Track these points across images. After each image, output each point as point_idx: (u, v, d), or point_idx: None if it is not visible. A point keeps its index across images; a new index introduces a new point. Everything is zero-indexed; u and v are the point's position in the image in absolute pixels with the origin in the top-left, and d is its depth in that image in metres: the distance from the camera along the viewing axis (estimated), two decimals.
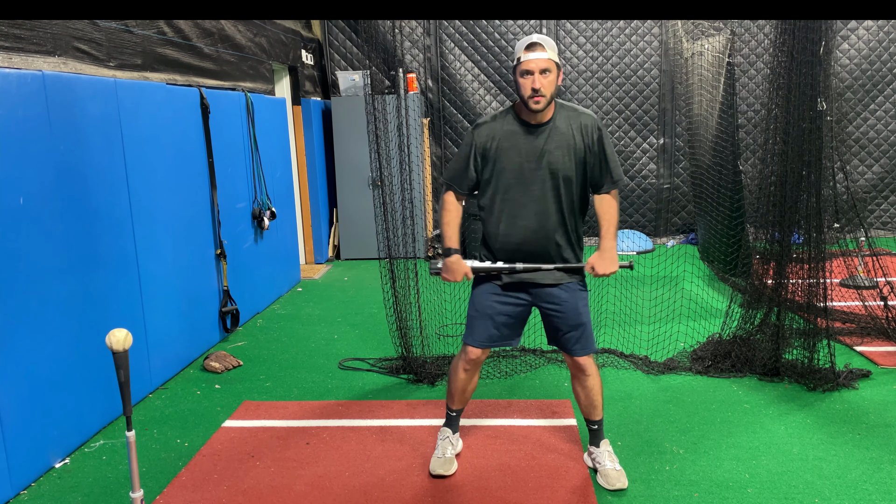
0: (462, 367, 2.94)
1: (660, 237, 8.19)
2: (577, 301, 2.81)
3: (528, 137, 2.71)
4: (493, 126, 2.76)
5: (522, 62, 2.60)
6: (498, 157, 2.73)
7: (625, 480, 2.86)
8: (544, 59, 2.60)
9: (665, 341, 4.51)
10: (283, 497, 2.86)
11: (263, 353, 4.70)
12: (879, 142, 7.87)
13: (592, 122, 2.75)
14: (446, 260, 2.82)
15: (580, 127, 2.72)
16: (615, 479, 2.85)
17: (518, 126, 2.72)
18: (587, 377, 2.88)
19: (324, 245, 7.65)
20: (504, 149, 2.72)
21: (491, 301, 2.83)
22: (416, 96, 7.45)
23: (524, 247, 2.77)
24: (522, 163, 2.71)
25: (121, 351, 2.17)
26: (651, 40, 7.79)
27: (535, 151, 2.70)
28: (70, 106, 3.34)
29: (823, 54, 3.55)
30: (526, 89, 2.61)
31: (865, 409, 3.51)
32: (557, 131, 2.71)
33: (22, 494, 2.98)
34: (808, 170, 3.67)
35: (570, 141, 2.71)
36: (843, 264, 5.64)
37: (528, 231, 2.74)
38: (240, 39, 5.72)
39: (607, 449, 2.98)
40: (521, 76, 2.61)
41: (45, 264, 3.15)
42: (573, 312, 2.80)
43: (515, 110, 2.76)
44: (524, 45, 2.61)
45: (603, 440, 3.00)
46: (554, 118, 2.72)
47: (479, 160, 2.78)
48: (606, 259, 2.77)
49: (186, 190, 4.49)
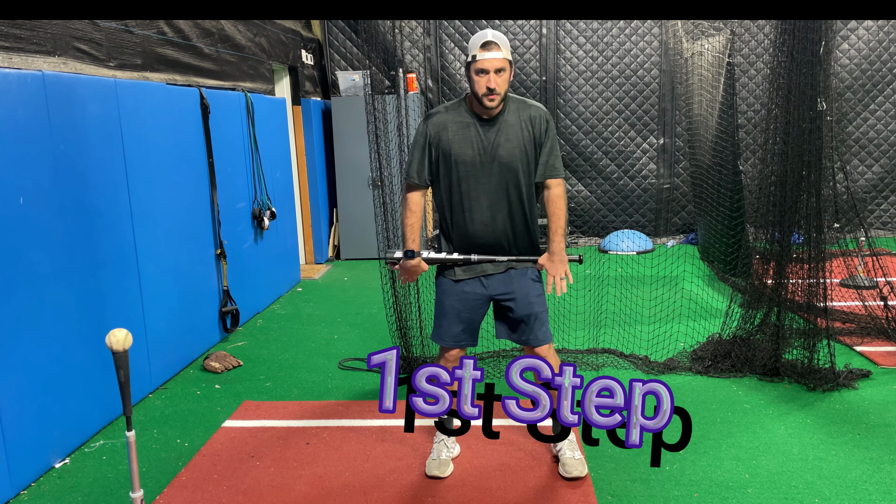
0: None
1: (660, 237, 8.19)
2: (528, 289, 2.83)
3: (481, 130, 2.74)
4: (445, 117, 2.78)
5: (478, 60, 2.61)
6: (451, 149, 2.76)
7: (583, 469, 2.87)
8: (499, 59, 2.62)
9: (665, 341, 4.51)
10: (283, 497, 2.87)
11: (263, 353, 4.70)
12: (879, 142, 7.87)
13: (542, 114, 2.78)
14: (407, 262, 2.84)
15: (529, 119, 2.76)
16: (572, 468, 2.88)
17: (470, 118, 2.75)
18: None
19: (324, 245, 7.65)
20: (456, 141, 2.75)
21: (451, 299, 2.86)
22: (416, 96, 7.44)
23: (478, 238, 2.80)
24: (475, 155, 2.74)
25: (121, 351, 2.17)
26: (651, 40, 7.79)
27: (487, 144, 2.73)
28: (70, 106, 3.34)
29: (823, 54, 3.55)
30: (480, 87, 2.63)
31: (865, 409, 3.51)
32: (507, 124, 2.74)
33: (22, 494, 2.98)
34: (808, 170, 3.67)
35: (520, 133, 2.74)
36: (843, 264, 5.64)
37: (481, 223, 2.78)
38: (240, 39, 5.72)
39: (570, 438, 2.98)
40: (476, 74, 2.63)
41: (45, 264, 3.15)
42: (523, 301, 2.82)
43: (467, 102, 2.78)
44: (479, 42, 2.62)
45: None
46: (504, 111, 2.75)
47: (433, 150, 2.80)
48: (556, 261, 2.80)
49: (186, 190, 4.49)
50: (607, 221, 8.17)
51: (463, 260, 2.82)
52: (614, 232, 7.88)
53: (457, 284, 2.86)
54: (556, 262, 2.80)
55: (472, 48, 2.65)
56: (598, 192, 8.12)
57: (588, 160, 8.03)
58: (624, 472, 2.98)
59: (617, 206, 8.15)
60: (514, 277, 2.84)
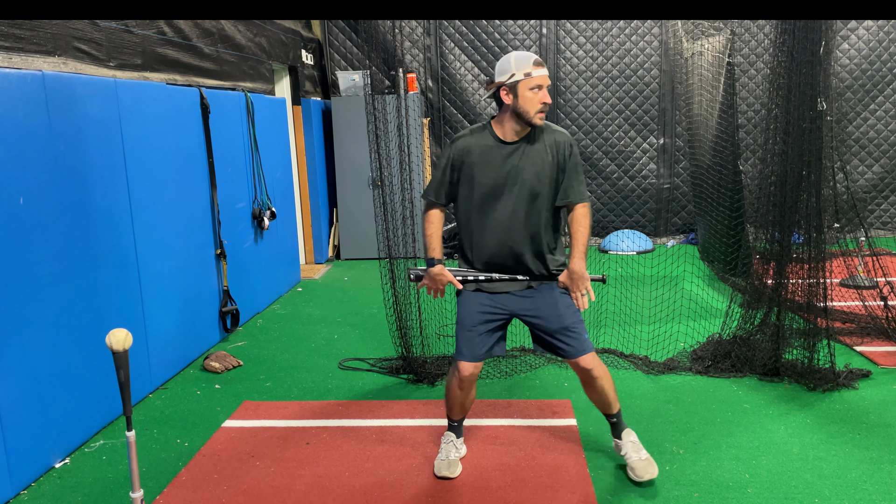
0: (456, 385, 2.92)
1: (660, 237, 8.19)
2: (555, 301, 2.81)
3: (503, 154, 2.75)
4: (469, 141, 2.80)
5: (534, 77, 2.63)
6: (473, 173, 2.77)
7: (654, 470, 2.84)
8: (548, 76, 2.68)
9: (665, 341, 4.51)
10: (283, 497, 2.86)
11: (263, 353, 4.70)
12: (879, 142, 7.87)
13: (566, 139, 2.79)
14: (430, 270, 2.84)
15: (554, 143, 2.77)
16: (642, 471, 2.84)
17: (494, 142, 2.77)
18: (595, 378, 2.85)
19: (324, 245, 7.65)
20: (478, 164, 2.76)
21: (473, 313, 2.84)
22: (416, 96, 7.44)
23: (499, 259, 2.80)
24: (496, 179, 2.75)
25: (121, 351, 2.17)
26: (651, 40, 7.79)
27: (509, 168, 2.74)
28: (70, 106, 3.34)
29: (823, 54, 3.55)
30: (535, 104, 2.65)
31: (865, 409, 3.51)
32: (532, 148, 2.75)
33: (22, 494, 2.98)
34: (808, 170, 3.67)
35: (544, 158, 2.75)
36: (843, 264, 5.64)
37: (503, 245, 2.78)
38: (240, 39, 5.72)
39: (630, 440, 2.96)
40: (531, 90, 2.63)
41: (45, 264, 3.15)
42: (553, 314, 2.80)
43: (492, 127, 2.79)
44: (530, 60, 2.64)
45: (625, 430, 2.99)
46: (529, 135, 2.76)
47: (456, 173, 2.82)
48: (575, 279, 2.80)
49: (186, 190, 4.49)
50: (607, 221, 8.17)
51: (485, 278, 2.82)
52: (614, 232, 7.88)
53: (476, 295, 2.85)
54: (576, 279, 2.79)
55: (522, 66, 2.64)
56: (598, 192, 8.12)
57: (588, 160, 8.02)
58: (624, 472, 2.97)
59: (617, 206, 8.15)
60: (539, 293, 2.82)
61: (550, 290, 2.83)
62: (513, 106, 2.68)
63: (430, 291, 2.91)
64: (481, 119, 7.94)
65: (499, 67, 2.71)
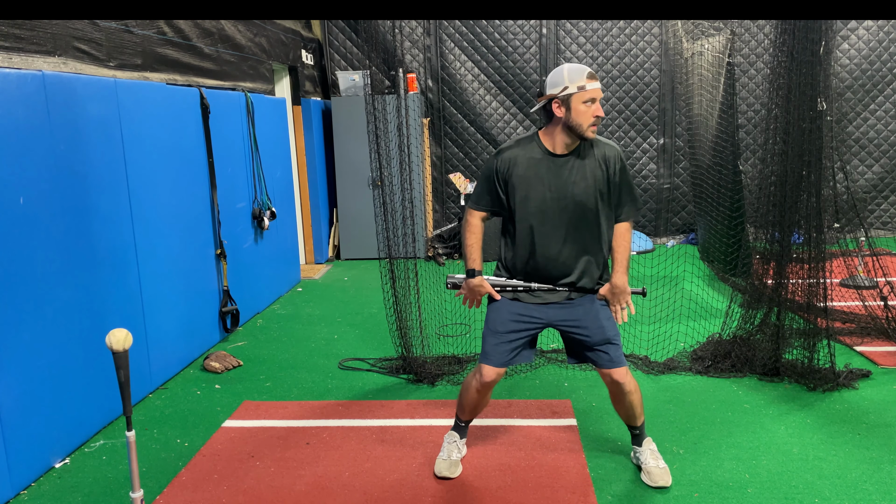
0: (475, 388, 2.90)
1: (660, 237, 8.19)
2: (597, 313, 2.79)
3: (552, 167, 2.70)
4: (515, 152, 2.74)
5: (588, 90, 2.59)
6: (520, 186, 2.72)
7: (668, 478, 2.85)
8: (601, 89, 2.64)
9: (665, 341, 4.51)
10: (283, 497, 2.86)
11: (263, 353, 4.70)
12: (879, 142, 7.87)
13: (615, 153, 2.75)
14: (469, 281, 2.81)
15: (604, 158, 2.72)
16: (658, 477, 2.85)
17: (542, 155, 2.71)
18: (626, 393, 2.84)
19: (324, 245, 7.65)
20: (527, 178, 2.71)
21: (506, 320, 2.81)
22: (416, 96, 7.45)
23: (543, 273, 2.76)
24: (545, 192, 2.70)
25: (121, 351, 2.17)
26: (651, 40, 7.79)
27: (559, 182, 2.69)
28: (70, 106, 3.34)
29: (823, 54, 3.55)
30: (589, 117, 2.60)
31: (865, 409, 3.51)
32: (582, 163, 2.70)
33: (22, 494, 2.98)
34: (808, 170, 3.67)
35: (595, 172, 2.70)
36: (843, 264, 5.64)
37: (550, 259, 2.74)
38: (240, 39, 5.72)
39: (649, 447, 2.97)
40: (585, 103, 2.59)
41: (44, 264, 3.15)
42: (595, 326, 2.78)
43: (539, 138, 2.74)
44: (584, 73, 2.60)
45: (645, 439, 3.00)
46: (578, 149, 2.71)
47: (502, 185, 2.76)
48: (617, 293, 2.78)
49: (186, 190, 4.49)
50: None
51: (524, 287, 2.79)
52: None
53: (512, 303, 2.82)
54: (618, 293, 2.77)
55: (576, 78, 2.60)
56: None
57: None
58: (624, 472, 2.98)
59: None
60: (580, 304, 2.80)
61: (591, 303, 2.80)
62: (565, 119, 2.62)
63: (465, 301, 2.89)
64: (481, 119, 7.94)
65: (551, 80, 2.65)
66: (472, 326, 4.92)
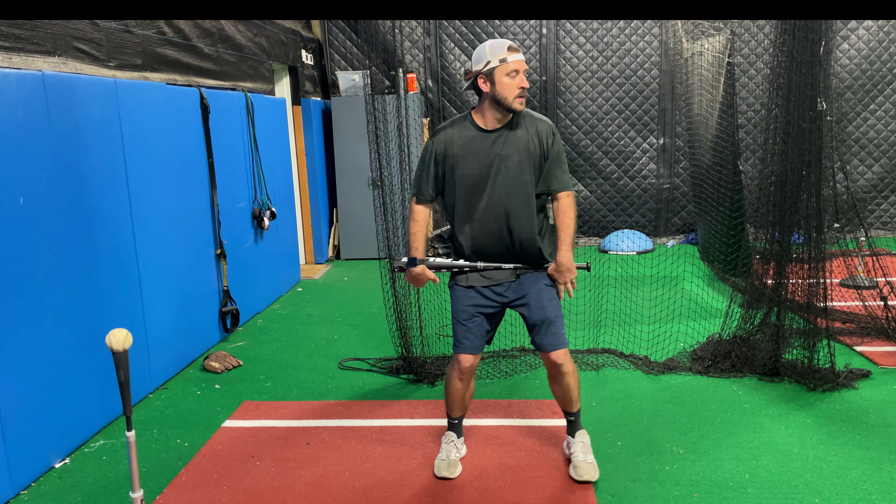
0: (456, 377, 2.95)
1: (660, 237, 8.19)
2: (540, 293, 2.83)
3: (486, 143, 2.75)
4: (450, 132, 2.80)
5: (510, 62, 2.64)
6: (456, 164, 2.78)
7: (594, 473, 2.87)
8: (524, 61, 2.68)
9: (665, 341, 4.51)
10: (283, 497, 2.86)
11: (263, 353, 4.70)
12: (879, 142, 7.87)
13: (548, 127, 2.79)
14: (411, 269, 2.87)
15: (536, 132, 2.76)
16: (584, 472, 2.87)
17: (476, 132, 2.77)
18: (563, 375, 2.88)
19: (324, 245, 7.65)
20: (462, 155, 2.77)
21: (466, 308, 2.87)
22: (416, 96, 7.45)
23: (486, 249, 2.82)
24: (481, 168, 2.75)
25: (121, 351, 2.17)
26: (651, 40, 7.79)
27: (493, 156, 2.74)
28: (70, 106, 3.34)
29: (823, 54, 3.55)
30: (513, 89, 2.66)
31: (865, 409, 3.51)
32: (515, 136, 2.75)
33: (22, 494, 2.98)
34: (808, 170, 3.67)
35: (528, 145, 2.75)
36: (843, 264, 5.64)
37: (489, 234, 2.79)
38: (240, 39, 5.72)
39: (581, 440, 2.99)
40: (508, 76, 2.65)
41: (45, 264, 3.15)
42: (537, 305, 2.82)
43: (472, 117, 2.79)
44: (503, 46, 2.66)
45: (579, 431, 3.02)
46: (510, 123, 2.76)
47: (440, 166, 2.83)
48: (563, 270, 2.81)
49: (186, 190, 4.49)
50: (607, 221, 8.17)
51: (469, 267, 2.83)
52: (614, 232, 7.88)
53: (468, 290, 2.87)
54: (563, 271, 2.80)
55: (497, 52, 2.65)
56: (598, 192, 8.12)
57: (588, 160, 8.03)
58: (624, 472, 2.98)
59: (617, 206, 8.15)
60: (526, 282, 2.85)
61: (536, 282, 2.84)
62: (491, 93, 2.68)
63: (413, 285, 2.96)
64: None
65: (474, 57, 2.72)
66: None
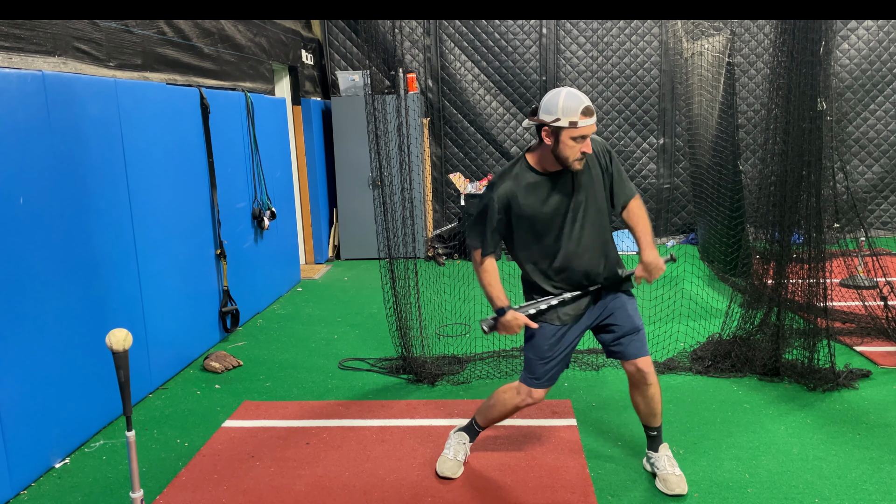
0: (518, 403, 2.86)
1: (660, 237, 8.18)
2: (625, 304, 2.81)
3: (552, 184, 2.66)
4: (509, 185, 2.67)
5: (580, 127, 2.50)
6: (525, 213, 2.67)
7: (684, 486, 2.82)
8: (595, 123, 2.55)
9: (665, 341, 4.51)
10: (283, 497, 2.86)
11: (263, 353, 4.70)
12: (879, 142, 7.87)
13: (602, 146, 2.73)
14: (502, 319, 2.73)
15: (595, 156, 2.69)
16: (674, 485, 2.81)
17: (538, 176, 2.66)
18: (649, 385, 2.82)
19: (324, 245, 7.65)
20: (530, 204, 2.66)
21: (550, 347, 2.78)
22: (416, 96, 7.45)
23: (572, 282, 2.75)
24: (551, 210, 2.67)
25: (121, 351, 2.17)
26: (651, 40, 7.79)
27: (563, 195, 2.66)
28: (70, 106, 3.34)
29: (823, 54, 3.55)
30: (575, 153, 2.54)
31: (865, 409, 3.51)
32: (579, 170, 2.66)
33: (22, 494, 2.98)
34: (808, 170, 3.67)
35: (592, 173, 2.69)
36: (843, 264, 5.64)
37: (574, 271, 2.72)
38: (240, 39, 5.72)
39: (666, 453, 2.93)
40: (574, 139, 2.52)
41: (45, 264, 3.15)
42: (624, 316, 2.79)
43: (527, 160, 2.68)
44: (579, 107, 2.48)
45: (662, 444, 2.96)
46: None
47: (503, 220, 2.71)
48: (652, 269, 2.73)
49: (186, 190, 4.49)
50: None
51: (558, 301, 2.75)
52: (615, 232, 7.87)
53: (548, 329, 2.77)
54: (652, 269, 2.72)
55: (569, 113, 2.48)
56: None
57: None
58: (624, 472, 2.98)
59: None
60: (609, 300, 2.81)
61: (616, 297, 2.82)
62: (552, 148, 2.56)
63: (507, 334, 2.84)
64: (481, 119, 7.94)
65: (545, 103, 2.54)
66: (472, 326, 4.92)
